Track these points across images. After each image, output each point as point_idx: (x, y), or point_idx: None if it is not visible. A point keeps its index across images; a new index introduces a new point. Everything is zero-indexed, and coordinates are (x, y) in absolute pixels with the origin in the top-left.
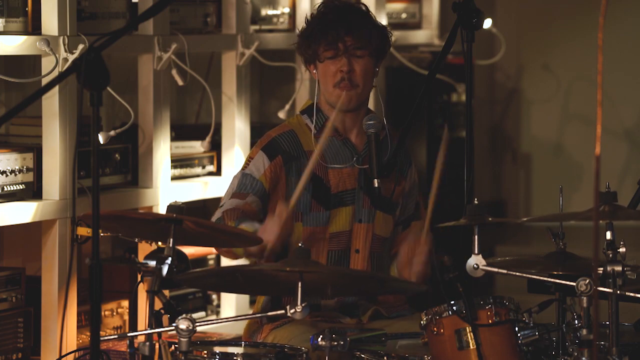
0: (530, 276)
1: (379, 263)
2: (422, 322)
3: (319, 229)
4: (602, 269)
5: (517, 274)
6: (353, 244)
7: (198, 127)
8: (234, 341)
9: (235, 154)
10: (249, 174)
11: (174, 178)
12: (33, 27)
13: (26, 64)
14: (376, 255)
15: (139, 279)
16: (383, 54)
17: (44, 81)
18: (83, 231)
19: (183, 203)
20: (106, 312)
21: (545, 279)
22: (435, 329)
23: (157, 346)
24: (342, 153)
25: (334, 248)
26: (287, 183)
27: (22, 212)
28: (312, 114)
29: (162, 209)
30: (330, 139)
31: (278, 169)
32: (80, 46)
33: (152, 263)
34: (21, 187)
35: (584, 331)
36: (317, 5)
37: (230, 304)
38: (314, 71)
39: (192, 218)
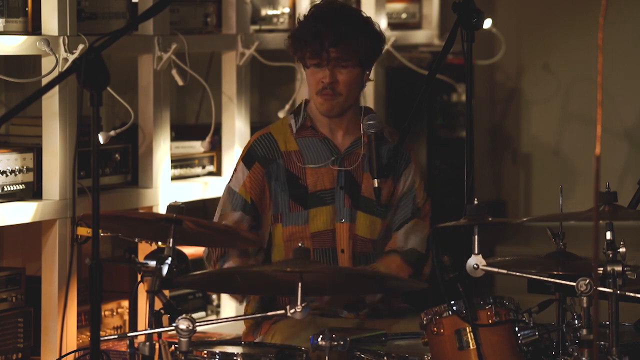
0: (530, 276)
1: (365, 264)
2: (422, 322)
3: (299, 228)
4: (602, 269)
5: (517, 274)
6: (338, 243)
7: (198, 127)
8: (234, 341)
9: (235, 154)
10: (232, 187)
11: (174, 178)
12: (33, 27)
13: (26, 64)
14: (362, 257)
15: (139, 279)
16: (373, 60)
17: (44, 81)
18: (83, 231)
19: (183, 203)
20: (106, 312)
21: (545, 279)
22: (435, 329)
23: (157, 346)
24: (320, 152)
25: (318, 247)
26: (270, 188)
27: (22, 212)
28: (297, 113)
29: (162, 209)
30: (309, 139)
31: (259, 176)
32: (80, 46)
33: (152, 263)
34: (21, 187)
35: (584, 331)
36: (311, 5)
37: (230, 304)
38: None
39: (192, 218)
